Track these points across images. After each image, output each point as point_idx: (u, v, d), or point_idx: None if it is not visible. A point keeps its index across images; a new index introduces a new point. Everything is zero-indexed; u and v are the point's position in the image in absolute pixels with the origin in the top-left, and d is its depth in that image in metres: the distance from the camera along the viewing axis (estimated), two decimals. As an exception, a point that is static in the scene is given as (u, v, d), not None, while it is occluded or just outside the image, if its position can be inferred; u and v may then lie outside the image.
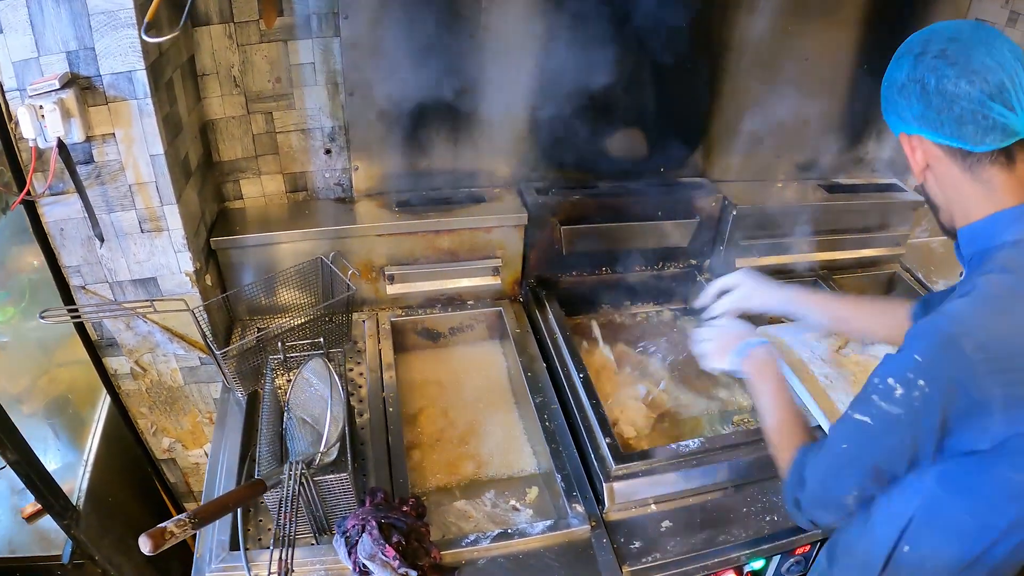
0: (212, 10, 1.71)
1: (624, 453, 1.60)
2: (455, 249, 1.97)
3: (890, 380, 0.99)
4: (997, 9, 2.24)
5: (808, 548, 1.68)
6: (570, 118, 1.96)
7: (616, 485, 1.56)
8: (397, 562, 1.38)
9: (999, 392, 0.93)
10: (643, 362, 2.02)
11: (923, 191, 1.17)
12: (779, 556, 1.66)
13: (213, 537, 1.48)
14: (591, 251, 2.09)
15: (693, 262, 2.23)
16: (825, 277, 2.28)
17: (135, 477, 2.07)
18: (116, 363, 1.83)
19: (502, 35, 1.84)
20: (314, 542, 1.51)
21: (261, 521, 1.57)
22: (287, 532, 1.35)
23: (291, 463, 1.40)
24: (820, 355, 1.92)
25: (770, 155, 2.24)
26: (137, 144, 1.53)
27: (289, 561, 1.32)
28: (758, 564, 1.64)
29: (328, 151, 1.94)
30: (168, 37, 1.35)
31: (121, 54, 1.43)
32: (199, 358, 1.84)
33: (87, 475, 1.89)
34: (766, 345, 1.49)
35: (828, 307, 1.63)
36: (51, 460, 1.93)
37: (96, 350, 1.81)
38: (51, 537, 1.83)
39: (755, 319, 1.79)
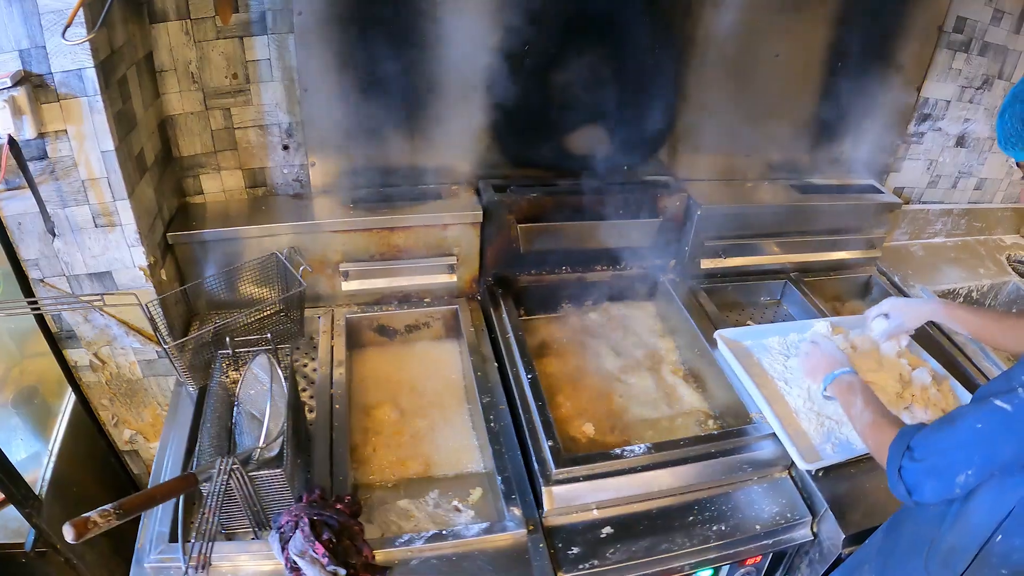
0: (169, 7, 1.73)
1: (566, 456, 1.57)
2: (410, 246, 1.96)
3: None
4: (981, 7, 2.17)
5: (759, 558, 1.65)
6: (530, 115, 1.95)
7: (556, 489, 1.54)
8: (327, 559, 1.39)
9: None
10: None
11: None
12: (728, 566, 1.63)
13: (154, 528, 1.49)
14: (550, 250, 2.06)
15: (658, 262, 2.19)
16: (796, 280, 2.23)
17: (100, 468, 2.10)
18: (76, 355, 1.86)
19: (459, 30, 1.82)
20: (254, 536, 1.52)
21: (204, 514, 1.58)
22: (210, 526, 1.36)
23: (222, 458, 1.41)
24: (779, 361, 1.87)
25: (740, 154, 2.20)
26: (88, 140, 1.55)
27: (208, 554, 1.33)
28: (705, 574, 1.62)
29: (286, 147, 1.94)
30: (85, 39, 1.35)
31: (71, 52, 1.44)
32: (156, 351, 1.86)
33: (51, 465, 1.92)
34: (851, 373, 1.58)
35: (967, 322, 1.68)
36: (18, 450, 1.97)
37: (56, 342, 1.84)
38: (14, 526, 1.86)
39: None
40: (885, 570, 1.38)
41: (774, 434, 1.68)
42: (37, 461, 1.94)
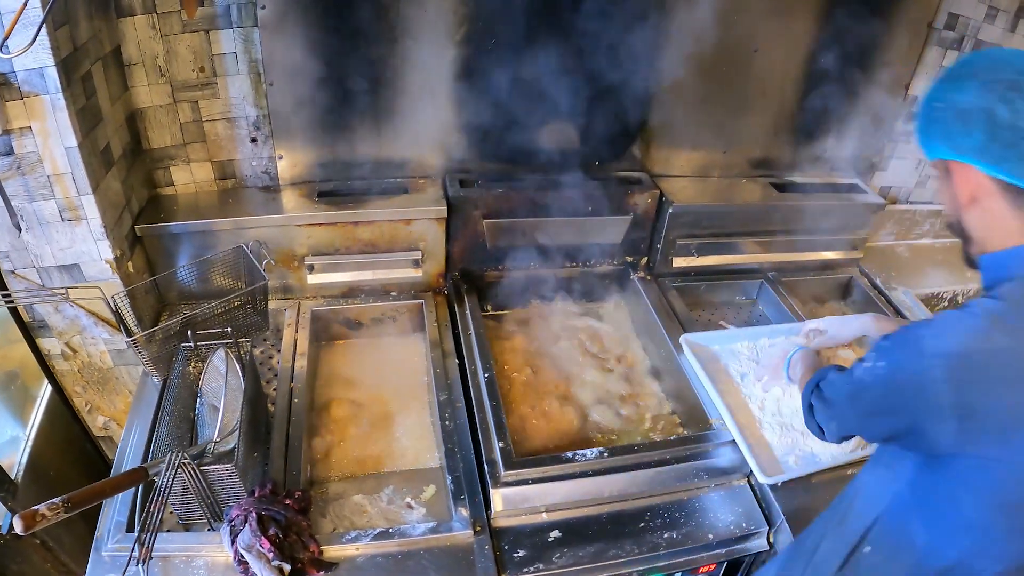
0: (135, 1, 1.73)
1: (516, 459, 1.57)
2: (375, 240, 1.96)
3: (871, 353, 1.09)
4: (974, 4, 2.08)
5: (714, 567, 1.63)
6: (498, 109, 1.91)
7: (505, 491, 1.54)
8: (272, 554, 1.41)
9: (951, 398, 0.96)
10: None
11: (958, 222, 1.09)
12: (680, 574, 1.62)
13: (112, 518, 1.52)
14: (517, 246, 2.04)
15: (629, 259, 2.17)
16: (774, 280, 2.19)
17: (76, 453, 2.14)
18: (49, 344, 1.90)
19: (423, 22, 1.80)
20: (209, 528, 1.54)
21: (166, 504, 1.61)
22: (154, 520, 1.39)
23: (172, 453, 1.43)
24: (744, 369, 1.85)
25: (717, 150, 2.15)
26: (52, 137, 1.56)
27: (150, 547, 1.36)
28: (657, 580, 1.61)
29: (254, 139, 1.95)
30: (18, 53, 1.36)
31: (32, 51, 1.45)
32: (125, 342, 1.89)
33: (28, 450, 1.97)
34: (803, 350, 1.70)
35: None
36: (-2, 435, 2.02)
37: (30, 331, 1.88)
38: (-10, 510, 1.91)
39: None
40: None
41: (733, 441, 1.66)
42: (15, 446, 1.99)
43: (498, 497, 1.53)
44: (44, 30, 1.43)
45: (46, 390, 2.08)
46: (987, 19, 2.10)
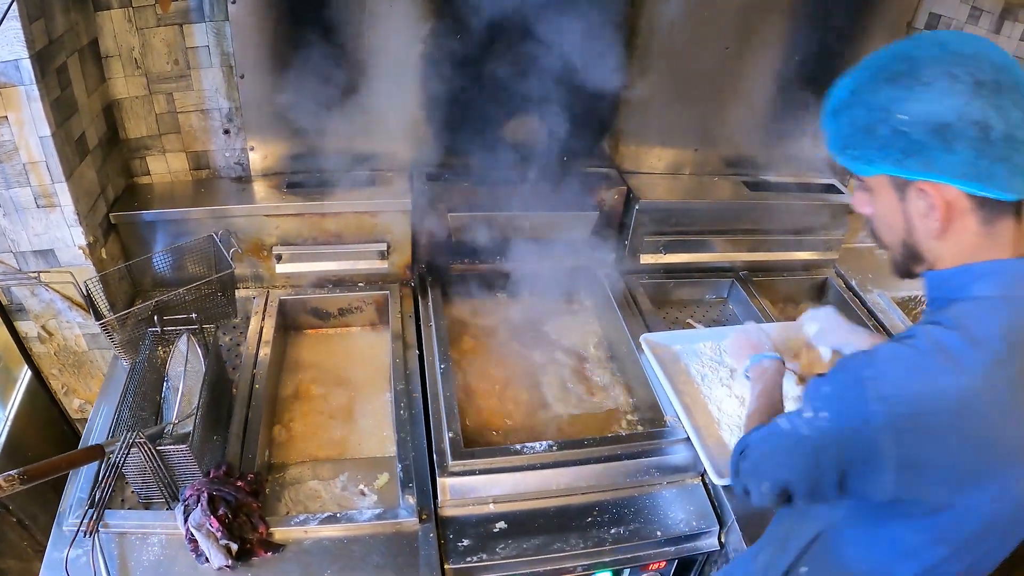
0: (113, -7, 1.78)
1: (464, 449, 1.59)
2: (341, 232, 1.99)
3: (808, 402, 0.98)
4: (956, 5, 2.04)
5: (663, 564, 1.63)
6: (466, 103, 1.93)
7: (451, 480, 1.55)
8: (220, 533, 1.44)
9: (893, 450, 0.87)
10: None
11: (912, 242, 0.96)
12: (629, 570, 1.62)
13: (75, 495, 1.56)
14: (482, 239, 2.05)
15: (596, 255, 2.16)
16: (745, 279, 2.17)
17: (55, 434, 2.21)
18: (26, 327, 1.96)
19: (390, 18, 1.82)
20: (167, 507, 1.58)
21: (128, 483, 1.66)
22: (103, 495, 1.44)
23: (127, 433, 1.47)
24: (705, 369, 1.84)
25: (688, 148, 2.14)
26: (27, 126, 1.61)
27: (95, 522, 1.41)
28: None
29: (227, 131, 1.99)
30: None
31: (7, 44, 1.50)
32: (97, 325, 1.95)
33: (6, 430, 2.03)
34: (775, 359, 1.53)
35: None
36: (-23, 415, 2.08)
37: (8, 314, 1.94)
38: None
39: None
40: None
41: (687, 439, 1.66)
42: (-6, 426, 2.06)
43: (445, 486, 1.55)
44: (19, 24, 1.48)
45: (25, 373, 2.15)
46: (970, 20, 2.06)
